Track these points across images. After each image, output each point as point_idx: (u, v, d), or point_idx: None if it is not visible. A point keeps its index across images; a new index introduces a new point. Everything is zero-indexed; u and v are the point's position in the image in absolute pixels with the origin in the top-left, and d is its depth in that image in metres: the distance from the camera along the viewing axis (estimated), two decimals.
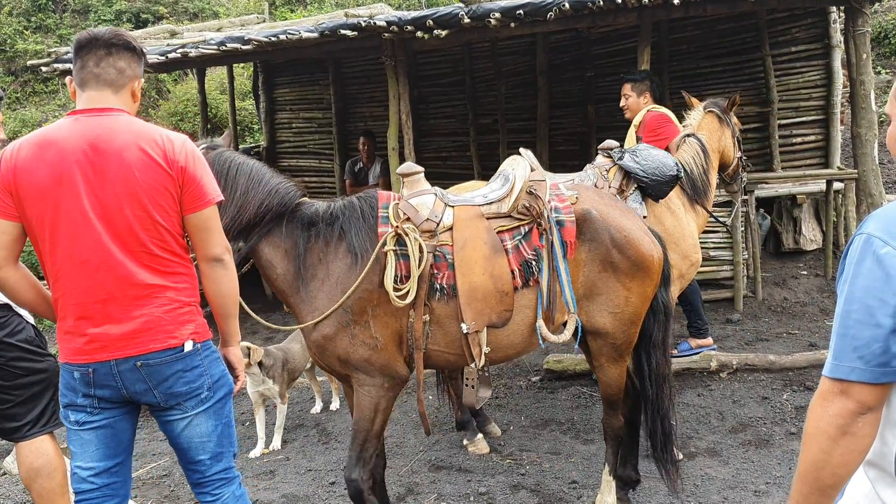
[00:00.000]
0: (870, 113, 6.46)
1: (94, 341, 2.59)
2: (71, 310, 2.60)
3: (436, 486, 4.53)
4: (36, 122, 15.14)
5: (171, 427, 2.78)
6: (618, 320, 3.65)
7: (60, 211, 2.53)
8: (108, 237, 2.56)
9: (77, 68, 2.67)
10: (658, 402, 3.88)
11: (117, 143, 2.56)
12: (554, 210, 3.60)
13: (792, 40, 8.61)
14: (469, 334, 3.46)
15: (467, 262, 3.45)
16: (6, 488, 4.82)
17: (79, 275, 2.57)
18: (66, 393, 2.69)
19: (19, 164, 2.54)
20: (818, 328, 6.92)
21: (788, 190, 8.24)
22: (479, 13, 6.21)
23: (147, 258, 2.62)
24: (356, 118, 10.76)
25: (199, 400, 2.75)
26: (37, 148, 2.56)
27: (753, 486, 4.26)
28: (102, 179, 2.54)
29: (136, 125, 2.65)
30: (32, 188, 2.53)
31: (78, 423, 2.69)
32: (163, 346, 2.65)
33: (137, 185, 2.56)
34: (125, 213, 2.56)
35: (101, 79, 2.64)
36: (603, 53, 9.28)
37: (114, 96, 2.66)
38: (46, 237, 2.56)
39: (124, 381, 2.64)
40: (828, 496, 1.55)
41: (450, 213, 3.56)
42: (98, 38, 2.66)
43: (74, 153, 2.53)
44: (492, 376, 3.81)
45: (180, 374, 2.69)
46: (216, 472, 2.85)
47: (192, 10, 17.69)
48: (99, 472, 2.70)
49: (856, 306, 1.48)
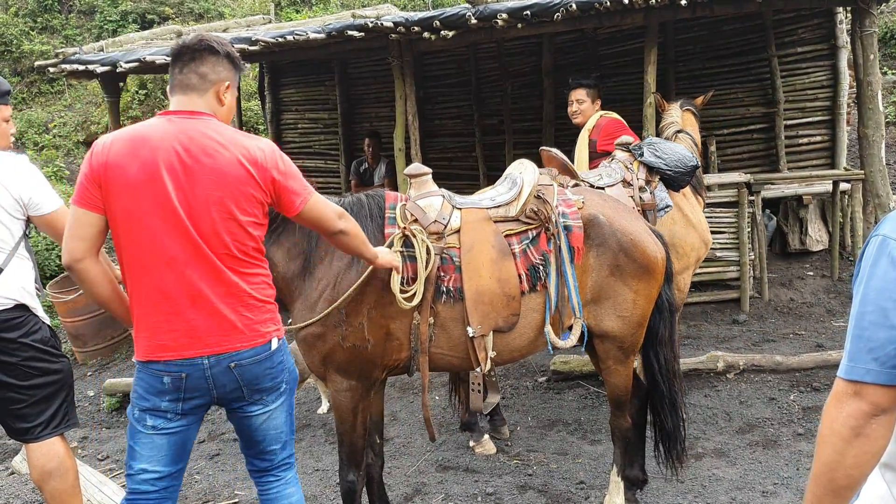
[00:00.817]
0: (877, 114, 6.45)
1: (182, 337, 2.61)
2: (157, 306, 2.60)
3: (443, 486, 4.53)
4: (42, 123, 15.19)
5: (250, 421, 2.83)
6: (625, 323, 3.65)
7: (150, 207, 2.56)
8: (199, 235, 2.60)
9: (169, 78, 2.77)
10: (672, 398, 3.90)
11: (209, 147, 2.62)
12: (562, 215, 3.59)
13: (798, 41, 8.60)
14: (475, 338, 3.45)
15: (474, 265, 3.44)
16: (15, 488, 4.83)
17: (168, 271, 2.58)
18: (149, 397, 2.65)
19: (111, 159, 2.55)
20: (825, 329, 6.91)
21: (795, 191, 8.23)
22: (485, 14, 6.21)
23: (229, 259, 2.66)
24: (362, 119, 10.76)
25: (279, 393, 2.85)
26: (130, 143, 2.58)
27: (761, 486, 4.26)
28: (193, 180, 2.58)
29: (227, 131, 2.71)
30: (123, 183, 2.54)
31: (155, 428, 2.67)
32: (252, 345, 2.71)
33: (226, 189, 2.62)
34: (212, 214, 2.61)
35: (184, 84, 2.72)
36: (609, 54, 9.28)
37: (200, 100, 2.73)
38: (133, 232, 2.57)
39: (216, 383, 2.67)
40: (842, 497, 1.55)
41: (457, 215, 3.55)
42: (186, 46, 2.75)
43: (167, 152, 2.57)
44: (498, 379, 3.80)
45: (267, 371, 2.77)
46: (284, 458, 2.96)
47: (198, 11, 17.71)
48: (163, 476, 2.71)
49: (870, 308, 1.48)
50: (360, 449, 3.58)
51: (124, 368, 8.37)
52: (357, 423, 3.53)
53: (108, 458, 5.78)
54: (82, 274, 2.60)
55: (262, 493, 3.00)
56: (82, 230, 2.56)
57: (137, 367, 2.68)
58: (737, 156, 8.93)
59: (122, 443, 6.18)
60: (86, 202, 2.56)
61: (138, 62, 7.00)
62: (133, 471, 2.70)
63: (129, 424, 2.73)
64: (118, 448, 6.01)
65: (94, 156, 2.58)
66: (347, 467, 3.58)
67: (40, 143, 14.61)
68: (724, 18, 8.43)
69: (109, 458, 5.80)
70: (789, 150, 8.68)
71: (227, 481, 4.94)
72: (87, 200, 2.56)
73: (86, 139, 14.88)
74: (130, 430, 2.72)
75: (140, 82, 14.76)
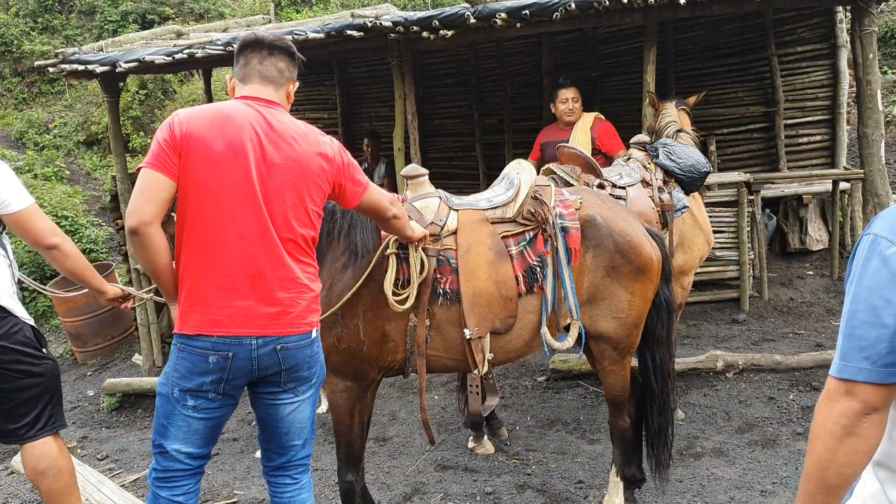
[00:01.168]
0: (876, 113, 6.44)
1: (238, 315, 2.62)
2: (216, 281, 2.61)
3: (442, 485, 4.53)
4: (42, 123, 15.17)
5: (278, 410, 2.83)
6: (621, 324, 3.64)
7: (229, 183, 2.59)
8: (270, 217, 2.65)
9: (240, 65, 2.84)
10: (664, 399, 3.89)
11: (286, 134, 2.71)
12: (559, 216, 3.58)
13: (798, 40, 8.59)
14: (472, 340, 3.44)
15: (471, 266, 3.43)
16: (14, 487, 4.83)
17: (235, 247, 2.61)
18: (192, 377, 2.64)
19: (194, 130, 2.57)
20: (824, 328, 6.91)
21: (794, 190, 8.22)
22: (484, 13, 6.20)
23: (291, 245, 2.72)
24: (362, 118, 10.76)
25: (310, 385, 2.88)
26: (214, 119, 2.62)
27: (760, 486, 4.26)
28: (271, 163, 2.65)
29: (300, 123, 2.83)
30: (206, 155, 2.57)
31: (195, 409, 2.67)
32: (299, 331, 2.76)
33: (301, 177, 2.71)
34: (284, 199, 2.68)
35: (263, 75, 2.81)
36: (609, 53, 9.27)
37: (275, 93, 2.83)
38: (205, 205, 2.59)
39: (260, 364, 2.69)
40: (834, 496, 1.56)
41: (454, 216, 3.55)
42: (262, 39, 2.84)
43: (249, 132, 2.64)
44: (496, 380, 3.79)
45: (307, 359, 2.82)
46: (303, 456, 2.96)
47: (198, 11, 17.69)
48: (196, 456, 2.74)
49: (862, 306, 1.49)
50: (357, 449, 3.58)
51: (124, 368, 8.37)
52: (354, 423, 3.53)
53: (108, 458, 5.78)
54: (146, 238, 2.55)
55: (276, 497, 2.97)
56: (155, 194, 2.54)
57: (180, 344, 2.66)
58: (736, 155, 8.92)
59: (122, 442, 6.18)
60: (163, 167, 2.55)
61: (138, 62, 6.99)
62: (165, 449, 2.70)
63: (164, 403, 2.70)
64: (117, 448, 6.02)
65: (176, 125, 2.59)
66: (346, 468, 3.58)
67: (41, 143, 14.61)
68: (723, 18, 8.42)
69: (109, 457, 5.80)
70: (789, 149, 8.67)
71: (226, 481, 4.94)
72: (165, 166, 2.55)
73: (86, 139, 14.88)
74: (166, 409, 2.69)
75: (140, 82, 14.75)
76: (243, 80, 2.83)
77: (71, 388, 8.10)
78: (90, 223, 11.43)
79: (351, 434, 3.54)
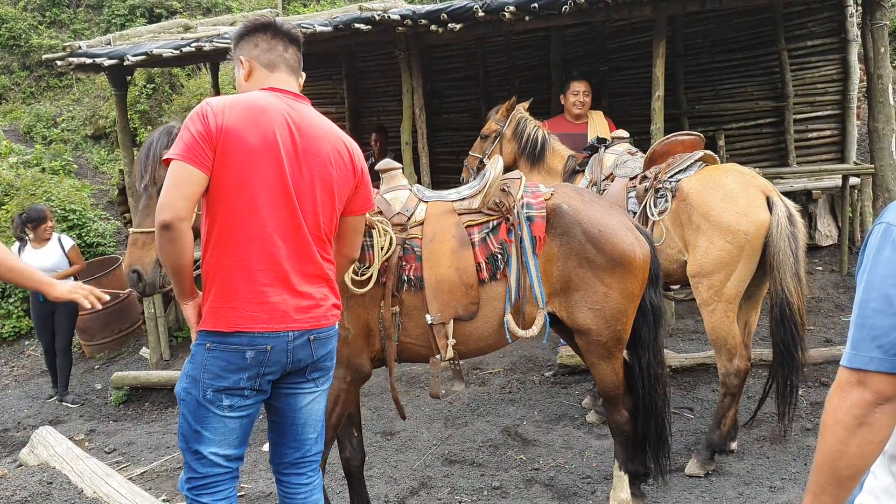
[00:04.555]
0: (887, 108, 6.39)
1: (274, 310, 2.59)
2: (251, 276, 2.56)
3: (449, 479, 4.53)
4: (50, 117, 15.22)
5: (298, 399, 2.81)
6: (598, 317, 3.62)
7: (264, 178, 2.55)
8: (301, 212, 2.63)
9: (263, 49, 2.76)
10: (650, 403, 3.84)
11: (319, 131, 2.71)
12: (525, 206, 3.65)
13: (808, 34, 8.53)
14: (434, 325, 3.54)
15: (435, 254, 3.55)
16: (22, 479, 4.84)
17: (270, 243, 2.57)
18: (227, 375, 2.57)
19: (229, 124, 2.50)
20: (833, 324, 6.87)
21: (804, 185, 8.16)
22: (493, 7, 6.18)
23: (318, 241, 2.71)
24: (369, 113, 10.75)
25: (328, 377, 2.89)
26: (248, 111, 2.55)
27: (769, 481, 4.24)
28: (303, 158, 2.63)
29: (326, 118, 2.82)
30: (242, 150, 2.51)
31: (231, 408, 2.60)
32: (328, 323, 2.77)
33: (331, 174, 2.71)
34: (315, 195, 2.66)
35: (289, 64, 2.79)
36: (617, 48, 9.22)
37: (295, 83, 2.81)
38: (239, 201, 2.53)
39: (294, 356, 2.67)
40: (844, 487, 1.54)
41: (423, 208, 3.70)
42: (280, 25, 2.79)
43: (282, 126, 2.59)
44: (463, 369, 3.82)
45: (331, 350, 2.84)
46: (316, 452, 2.93)
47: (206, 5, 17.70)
48: (233, 458, 2.69)
49: (874, 295, 1.47)
50: (328, 440, 3.48)
51: (131, 362, 8.40)
52: (334, 414, 3.58)
53: (115, 451, 5.80)
54: (178, 234, 2.47)
55: (288, 498, 2.91)
56: (190, 189, 2.47)
57: (210, 343, 2.57)
58: (746, 150, 8.87)
59: (129, 436, 6.20)
60: (198, 161, 2.47)
61: (145, 55, 7.00)
62: (202, 454, 2.62)
63: (193, 407, 2.60)
64: (125, 441, 6.03)
65: (211, 118, 2.50)
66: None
67: (49, 137, 14.65)
68: (733, 11, 8.36)
69: (116, 450, 5.82)
70: (799, 144, 8.61)
71: None
72: (200, 160, 2.47)
73: (94, 133, 14.92)
74: (197, 413, 2.60)
75: (148, 76, 14.78)
76: (269, 67, 2.76)
77: (79, 382, 8.14)
78: (98, 217, 11.46)
79: (328, 422, 3.47)
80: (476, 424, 5.36)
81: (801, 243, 4.22)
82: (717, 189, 4.35)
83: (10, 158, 12.56)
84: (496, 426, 5.29)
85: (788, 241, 4.14)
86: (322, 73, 10.96)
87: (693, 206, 4.38)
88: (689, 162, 4.63)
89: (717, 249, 4.26)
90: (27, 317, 9.62)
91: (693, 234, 4.40)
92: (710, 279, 4.32)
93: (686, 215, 4.42)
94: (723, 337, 4.34)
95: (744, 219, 4.21)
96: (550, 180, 5.31)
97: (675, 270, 4.59)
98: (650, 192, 4.66)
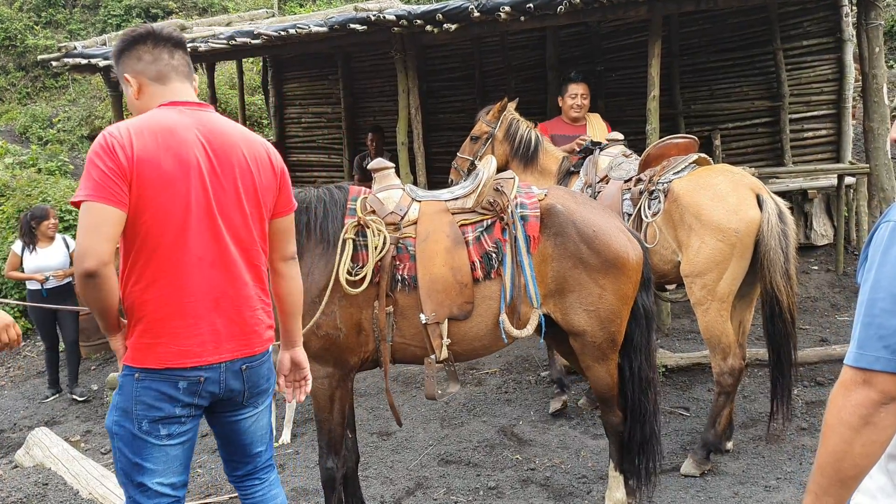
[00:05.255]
0: (882, 107, 6.41)
1: (207, 342, 2.47)
2: (180, 309, 2.42)
3: (445, 480, 4.53)
4: (46, 117, 15.20)
5: (240, 425, 2.72)
6: (593, 318, 3.62)
7: (184, 204, 2.40)
8: (227, 232, 2.49)
9: (147, 61, 2.55)
10: (640, 408, 3.82)
11: (232, 139, 2.55)
12: (519, 206, 3.66)
13: (803, 34, 8.54)
14: (429, 325, 3.53)
15: (428, 254, 3.55)
16: (18, 480, 4.84)
17: (196, 272, 2.43)
18: (161, 406, 2.44)
19: (140, 153, 2.33)
20: (829, 323, 6.89)
21: (799, 185, 8.18)
22: (488, 7, 6.19)
23: (251, 255, 2.59)
24: (365, 113, 10.74)
25: (267, 394, 2.79)
26: (157, 135, 2.38)
27: (764, 481, 4.24)
28: (222, 173, 2.49)
29: (234, 124, 2.66)
30: (159, 177, 2.35)
31: (169, 437, 2.48)
32: (262, 349, 2.65)
33: (255, 182, 2.57)
34: (243, 208, 2.53)
35: (179, 71, 2.59)
36: (613, 48, 9.23)
37: (191, 90, 2.62)
38: (161, 231, 2.38)
39: (226, 386, 2.56)
40: (847, 488, 1.53)
41: (416, 207, 3.69)
42: (161, 32, 2.58)
43: (195, 144, 2.44)
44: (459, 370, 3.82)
45: (266, 373, 2.72)
46: (267, 458, 2.88)
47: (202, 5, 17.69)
48: (179, 486, 2.57)
49: (882, 294, 1.45)
50: (338, 436, 3.64)
51: None
52: (335, 410, 3.60)
53: (111, 453, 5.78)
54: (105, 280, 2.32)
55: (247, 499, 2.87)
56: (111, 230, 2.30)
57: (138, 375, 2.44)
58: (741, 150, 8.88)
59: None
60: (114, 199, 2.30)
61: None
62: (147, 486, 2.49)
63: (128, 441, 2.47)
64: None
65: (119, 149, 2.32)
66: (327, 454, 3.65)
67: (45, 138, 14.63)
68: (728, 11, 8.38)
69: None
70: (794, 143, 8.63)
71: None
72: (116, 198, 2.30)
73: (90, 133, 14.89)
74: (134, 446, 2.47)
75: None
76: (160, 80, 2.55)
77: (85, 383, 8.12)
78: None
79: (332, 421, 3.60)
80: (472, 424, 5.36)
81: (791, 241, 4.23)
82: (708, 189, 4.37)
83: (6, 159, 12.55)
84: (492, 426, 5.30)
85: (779, 239, 4.16)
86: (318, 73, 10.97)
87: (684, 206, 4.40)
88: (683, 164, 4.65)
89: (708, 248, 4.28)
90: (23, 318, 9.62)
91: (685, 233, 4.41)
92: (703, 278, 4.33)
93: (678, 216, 4.44)
94: (717, 336, 4.35)
95: (734, 217, 4.23)
96: (544, 181, 5.31)
97: (669, 271, 4.60)
98: (644, 195, 4.68)
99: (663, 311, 6.98)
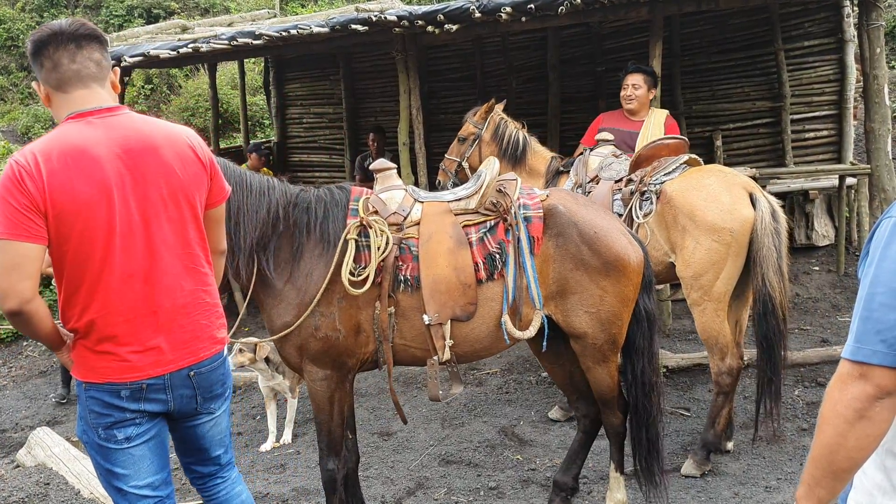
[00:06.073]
0: (883, 108, 6.41)
1: (147, 356, 2.44)
2: (117, 327, 2.39)
3: (446, 480, 4.54)
4: (48, 118, 15.21)
5: (198, 430, 2.68)
6: (594, 320, 3.62)
7: (106, 224, 2.32)
8: (156, 243, 2.43)
9: (47, 69, 2.38)
10: (643, 411, 3.81)
11: (149, 143, 2.42)
12: (522, 207, 3.65)
13: (805, 35, 8.54)
14: (432, 326, 3.52)
15: (431, 254, 3.53)
16: (19, 480, 4.84)
17: (128, 289, 2.39)
18: (109, 412, 2.43)
19: (51, 181, 2.23)
20: (830, 324, 6.88)
21: (801, 185, 8.18)
22: (489, 7, 6.19)
23: (188, 260, 2.52)
24: (367, 113, 10.75)
25: (224, 398, 2.75)
26: (67, 158, 2.27)
27: (765, 481, 4.25)
28: (144, 182, 2.39)
29: (150, 120, 2.53)
30: (76, 202, 2.26)
31: (128, 440, 2.46)
32: (210, 353, 2.61)
33: (181, 182, 2.47)
34: (171, 213, 2.45)
35: (84, 74, 2.40)
36: (614, 48, 9.24)
37: (102, 90, 2.45)
38: (86, 254, 2.32)
39: (174, 394, 2.52)
40: (840, 480, 1.54)
41: (419, 208, 3.67)
42: (62, 31, 2.38)
43: (110, 159, 2.33)
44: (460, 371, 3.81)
45: (220, 377, 2.68)
46: (228, 460, 2.87)
47: (204, 6, 17.72)
48: (157, 484, 2.54)
49: (881, 289, 1.46)
50: (338, 437, 3.65)
51: None
52: (334, 412, 3.61)
53: None
54: (31, 315, 2.31)
55: (210, 499, 2.84)
56: (30, 267, 2.24)
57: (85, 385, 2.45)
58: (743, 150, 8.88)
59: None
60: (29, 235, 2.23)
61: (143, 56, 7.01)
62: (124, 491, 2.50)
63: (95, 451, 2.49)
64: None
65: (28, 181, 2.21)
66: (327, 456, 3.65)
67: None
68: (729, 12, 8.38)
69: None
70: (795, 144, 8.63)
71: None
72: (31, 232, 2.23)
73: None
74: (101, 454, 2.48)
75: (146, 77, 14.79)
76: (60, 88, 2.39)
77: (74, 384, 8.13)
78: None
79: (331, 422, 3.62)
80: (473, 425, 5.37)
81: (783, 239, 4.24)
82: (701, 189, 4.38)
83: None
84: (493, 426, 5.30)
85: (772, 237, 4.17)
86: (319, 73, 10.98)
87: (678, 207, 4.41)
88: (674, 165, 4.67)
89: (703, 249, 4.29)
90: None
91: (679, 235, 4.42)
92: (699, 279, 4.34)
93: (671, 217, 4.44)
94: (714, 336, 4.36)
95: (728, 217, 4.24)
96: (532, 181, 5.27)
97: (660, 271, 4.63)
98: (636, 196, 4.68)
99: (664, 312, 6.98)
